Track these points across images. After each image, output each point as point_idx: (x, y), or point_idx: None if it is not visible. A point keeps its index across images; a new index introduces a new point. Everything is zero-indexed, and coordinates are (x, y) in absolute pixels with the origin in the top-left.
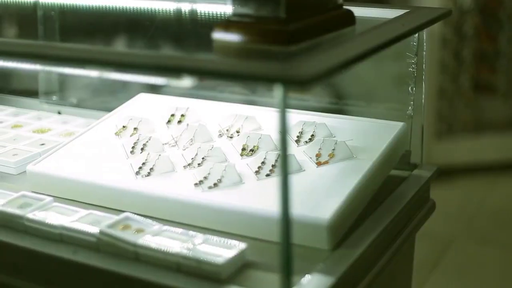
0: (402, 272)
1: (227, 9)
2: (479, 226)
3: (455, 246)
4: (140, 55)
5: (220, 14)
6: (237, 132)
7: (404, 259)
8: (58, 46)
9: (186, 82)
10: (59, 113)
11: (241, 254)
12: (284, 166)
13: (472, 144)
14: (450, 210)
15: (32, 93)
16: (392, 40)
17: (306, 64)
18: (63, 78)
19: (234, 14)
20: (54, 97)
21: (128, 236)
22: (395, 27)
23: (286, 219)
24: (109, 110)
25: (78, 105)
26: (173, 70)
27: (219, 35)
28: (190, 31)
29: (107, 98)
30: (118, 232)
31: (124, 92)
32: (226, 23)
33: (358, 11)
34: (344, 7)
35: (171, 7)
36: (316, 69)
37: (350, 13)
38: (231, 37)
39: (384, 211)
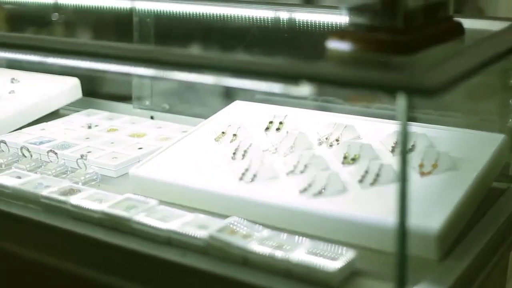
0: (498, 282)
1: (336, 19)
2: None
3: None
4: (258, 62)
5: (328, 24)
6: (337, 140)
7: (500, 270)
8: (168, 52)
9: (304, 89)
10: (152, 118)
11: (351, 262)
12: (402, 178)
13: None
14: None
15: (123, 98)
16: (509, 50)
17: (430, 74)
18: (155, 84)
19: (350, 24)
20: (147, 102)
21: (237, 240)
22: (508, 38)
23: (402, 230)
24: (200, 116)
25: (169, 111)
26: (294, 77)
27: (333, 44)
28: (297, 39)
29: (197, 104)
30: (227, 237)
31: (214, 99)
32: (341, 33)
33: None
34: None
35: (270, 15)
36: (441, 78)
37: (460, 24)
38: (346, 46)
39: (488, 223)
